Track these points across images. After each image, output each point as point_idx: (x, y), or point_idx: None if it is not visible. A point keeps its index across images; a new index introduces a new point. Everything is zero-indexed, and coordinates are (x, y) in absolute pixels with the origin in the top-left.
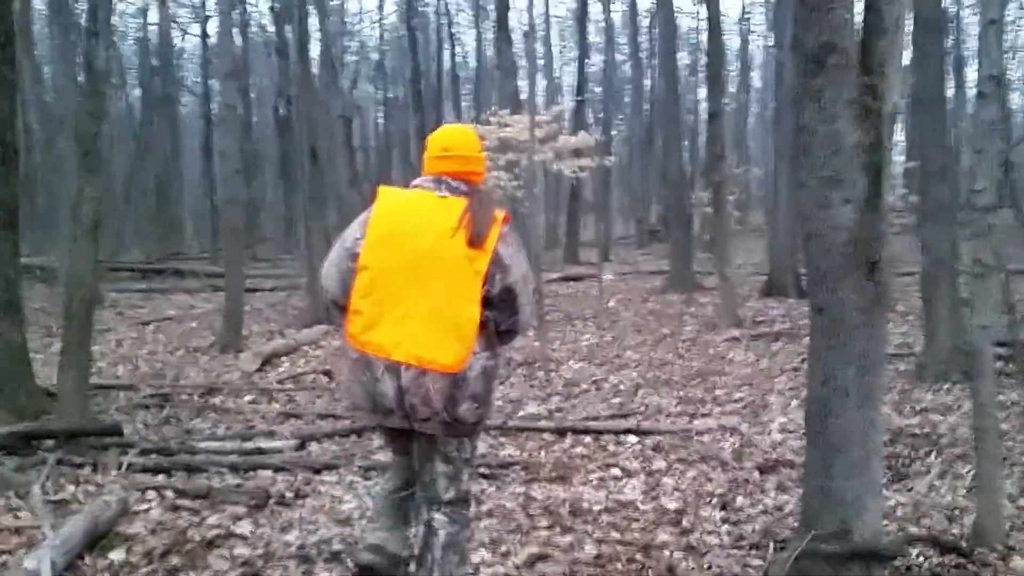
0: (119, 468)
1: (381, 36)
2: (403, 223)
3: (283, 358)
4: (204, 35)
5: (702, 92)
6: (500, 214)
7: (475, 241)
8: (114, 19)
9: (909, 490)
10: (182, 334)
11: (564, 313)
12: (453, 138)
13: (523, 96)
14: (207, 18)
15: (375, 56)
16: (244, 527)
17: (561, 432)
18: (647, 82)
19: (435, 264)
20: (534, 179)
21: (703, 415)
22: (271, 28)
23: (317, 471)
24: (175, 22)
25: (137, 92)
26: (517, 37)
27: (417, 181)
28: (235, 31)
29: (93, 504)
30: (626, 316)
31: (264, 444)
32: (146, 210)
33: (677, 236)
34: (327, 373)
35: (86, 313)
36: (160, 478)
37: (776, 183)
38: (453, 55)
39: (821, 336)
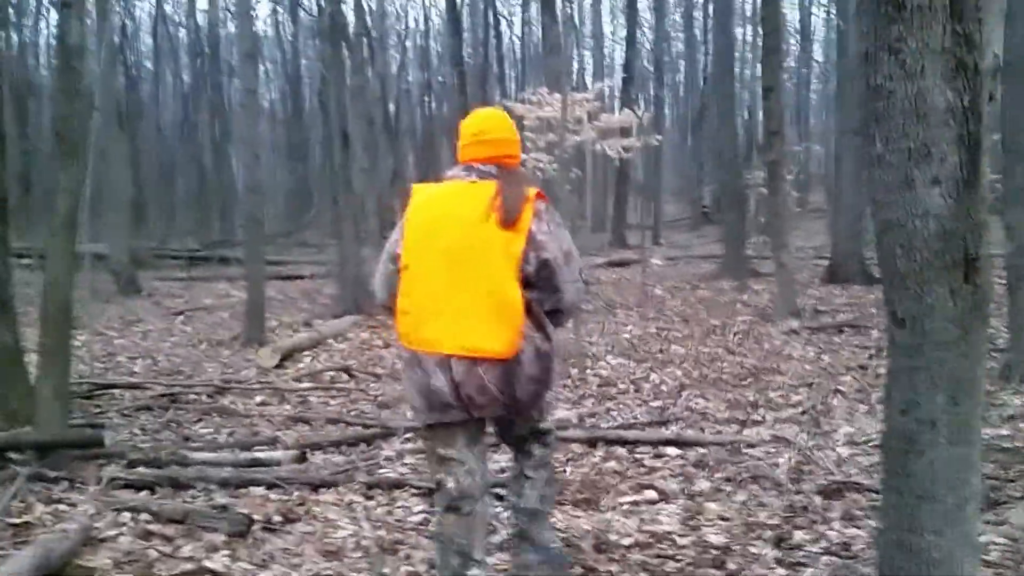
0: (99, 483)
1: (426, 19)
2: (436, 216)
3: (305, 352)
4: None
5: (759, 68)
6: (532, 191)
7: (507, 222)
8: (166, 6)
9: (1002, 523)
10: (210, 326)
11: (605, 302)
12: (485, 122)
13: (574, 76)
14: (256, 1)
15: (420, 41)
16: (219, 560)
17: (592, 442)
18: (700, 58)
19: (471, 252)
20: (569, 160)
21: (755, 423)
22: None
23: (315, 488)
24: (228, 10)
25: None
26: (564, 16)
27: (450, 172)
28: (267, 14)
29: (49, 534)
30: (673, 305)
31: (262, 455)
32: (197, 197)
33: (730, 218)
34: (347, 370)
35: (64, 316)
36: (143, 495)
37: (839, 160)
38: (499, 35)
39: (902, 354)
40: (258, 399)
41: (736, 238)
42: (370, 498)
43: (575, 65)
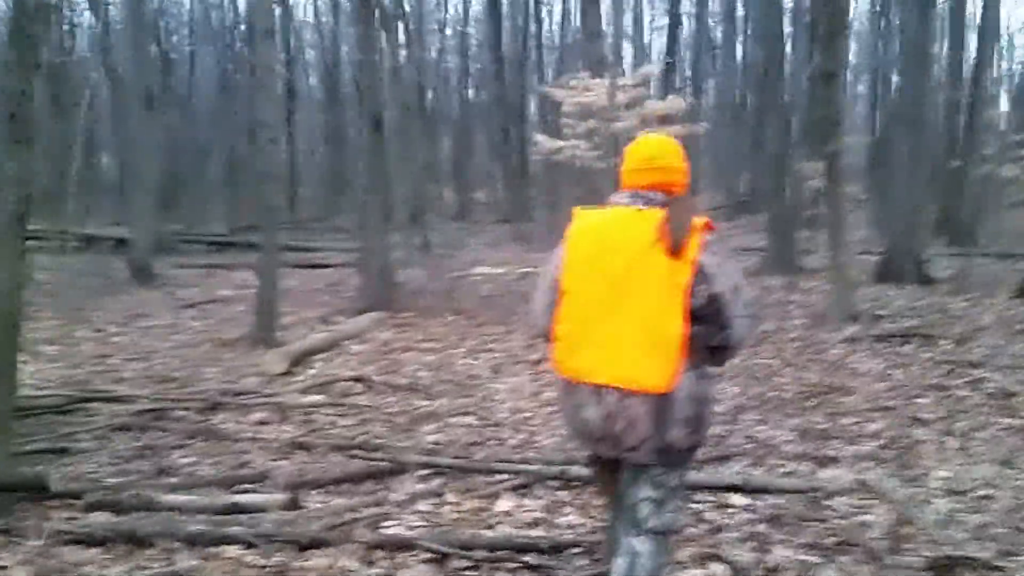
0: (40, 537)
1: (465, 5)
2: (600, 242)
3: (318, 356)
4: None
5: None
6: (700, 221)
7: (674, 251)
8: None
9: None
10: (221, 321)
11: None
12: (653, 149)
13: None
14: None
15: (459, 27)
16: None
17: None
18: (739, 46)
19: (634, 280)
20: (610, 149)
21: (831, 460)
22: None
23: (303, 548)
24: None
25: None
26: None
27: (614, 197)
28: None
29: None
30: None
31: (245, 499)
32: (231, 181)
33: (776, 211)
34: (362, 380)
35: (7, 333)
36: (93, 553)
37: (888, 152)
38: (539, 22)
39: None
40: (255, 417)
41: (782, 232)
42: (370, 563)
43: (615, 52)
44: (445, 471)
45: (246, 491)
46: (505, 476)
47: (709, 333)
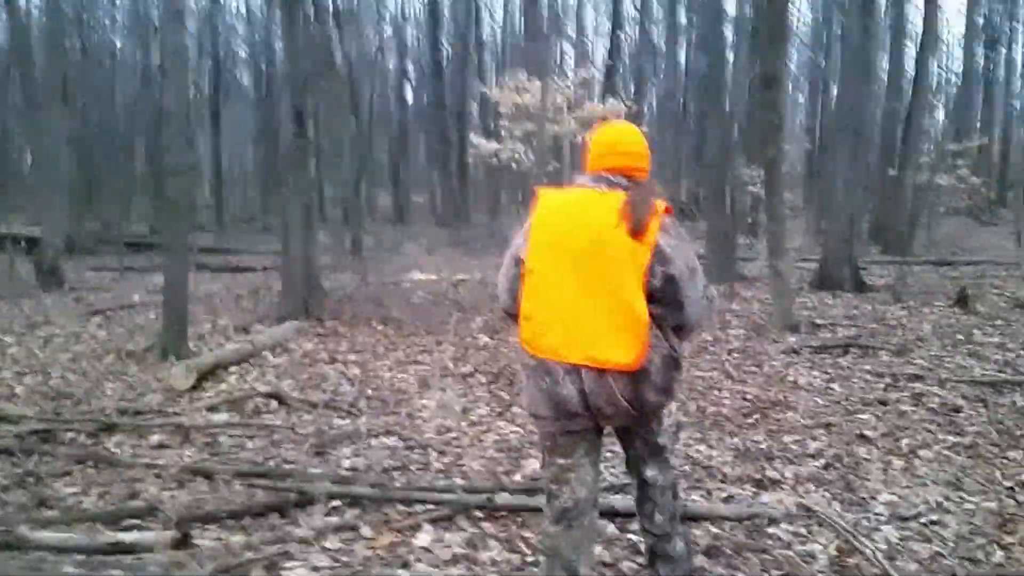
0: None
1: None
2: (563, 222)
3: (232, 369)
4: None
5: (740, 61)
6: (661, 205)
7: (635, 232)
8: None
9: None
10: (129, 330)
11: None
12: (619, 135)
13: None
14: None
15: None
16: None
17: None
18: (682, 52)
19: (597, 260)
20: (547, 151)
21: (773, 483)
22: None
23: None
24: None
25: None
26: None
27: (578, 180)
28: None
29: None
30: None
31: (128, 537)
32: (150, 179)
33: (716, 218)
34: (277, 396)
35: None
36: None
37: (827, 159)
38: (479, 22)
39: None
40: (154, 439)
41: (723, 240)
42: None
43: (556, 55)
44: (360, 501)
45: (133, 527)
46: (426, 506)
47: (666, 313)
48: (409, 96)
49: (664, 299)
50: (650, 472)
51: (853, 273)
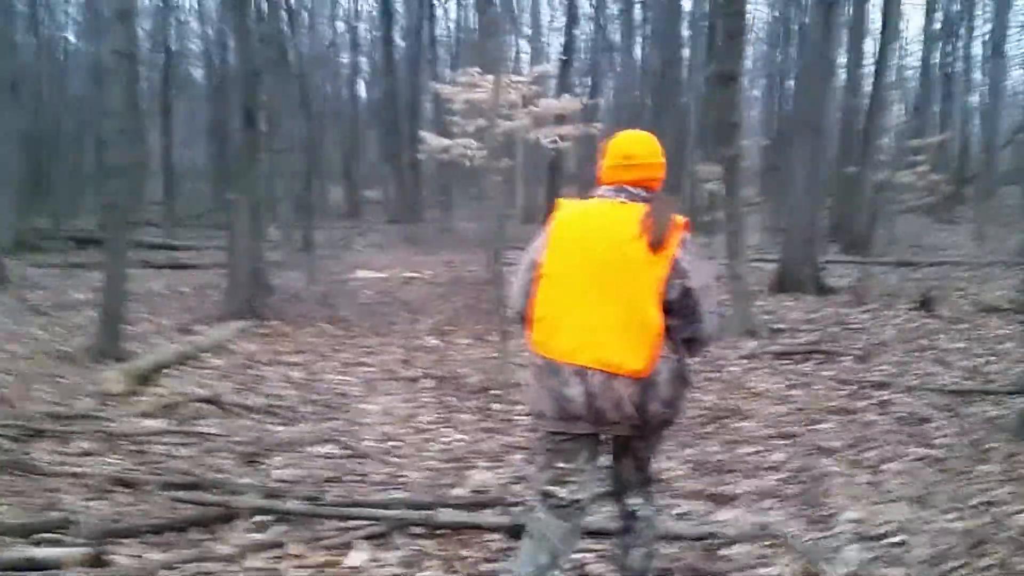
0: None
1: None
2: (583, 230)
3: (171, 371)
4: None
5: (697, 58)
6: (680, 219)
7: (655, 245)
8: None
9: None
10: (69, 329)
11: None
12: (635, 146)
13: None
14: None
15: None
16: None
17: (516, 535)
18: (638, 47)
19: (615, 269)
20: (499, 148)
21: (730, 500)
22: None
23: None
24: None
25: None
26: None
27: (596, 191)
28: None
29: None
30: None
31: (39, 553)
32: (99, 174)
33: None
34: (214, 400)
35: None
36: None
37: (784, 156)
38: (432, 18)
39: None
40: (80, 446)
41: None
42: None
43: (512, 52)
44: (289, 517)
45: (46, 541)
46: (361, 522)
47: (681, 326)
48: (362, 92)
49: (680, 312)
50: (633, 501)
51: (814, 275)
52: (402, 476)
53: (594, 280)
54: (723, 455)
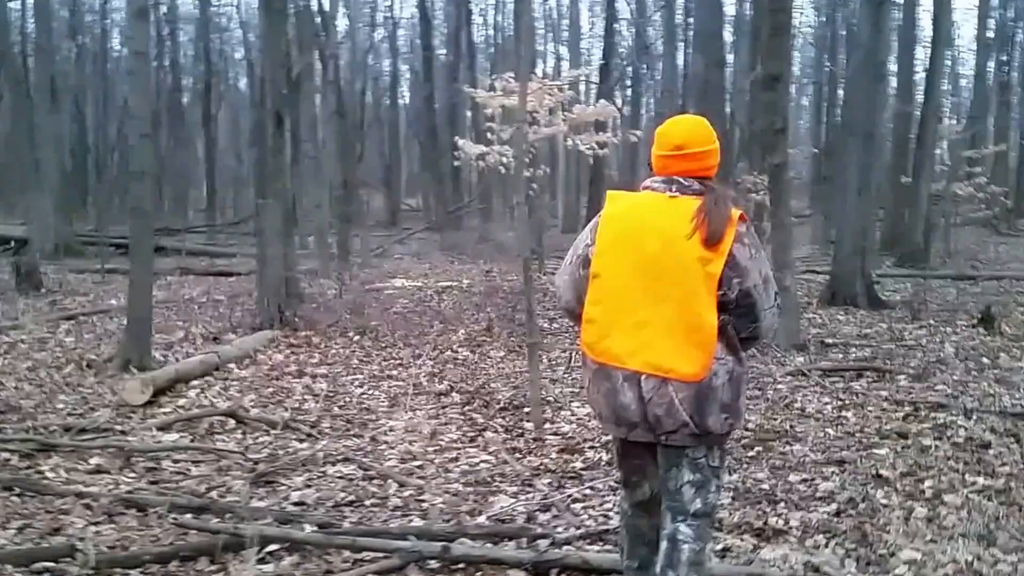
0: None
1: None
2: (633, 227)
3: (194, 382)
4: None
5: (740, 63)
6: (736, 213)
7: (710, 242)
8: None
9: None
10: (98, 336)
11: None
12: (687, 134)
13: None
14: None
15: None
16: None
17: (542, 570)
18: (680, 54)
19: (668, 268)
20: (537, 156)
21: (776, 532)
22: None
23: None
24: None
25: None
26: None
27: (647, 182)
28: None
29: None
30: None
31: None
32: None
33: None
34: (234, 415)
35: None
36: None
37: (836, 165)
38: (470, 24)
39: None
40: (92, 462)
41: None
42: None
43: (552, 58)
44: (301, 546)
45: (47, 571)
46: (375, 553)
47: (739, 324)
48: (404, 98)
49: (737, 310)
50: (684, 529)
51: (866, 288)
52: (422, 500)
53: (646, 280)
54: (769, 483)
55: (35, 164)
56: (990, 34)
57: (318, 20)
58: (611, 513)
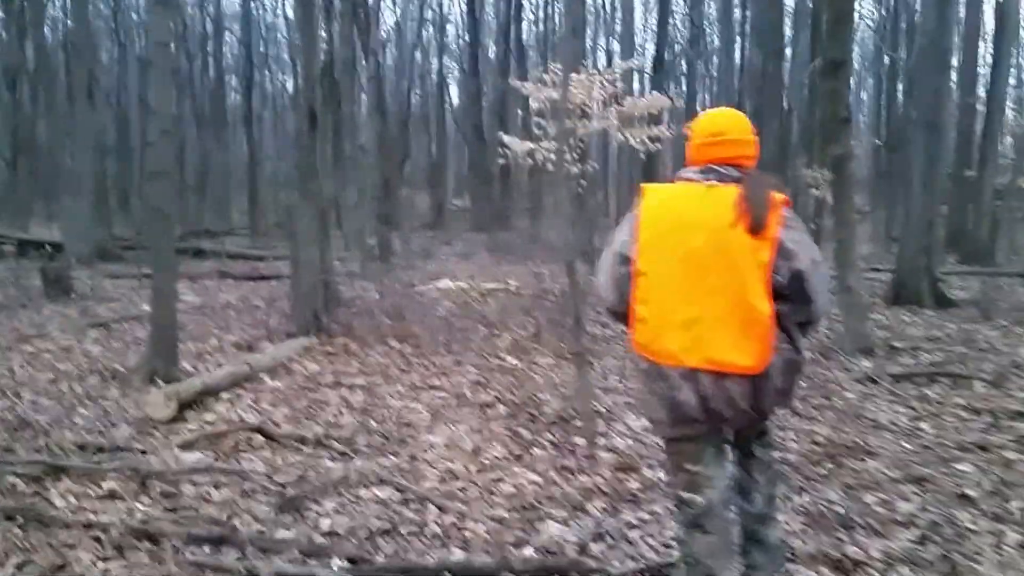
0: None
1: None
2: (674, 220)
3: (223, 394)
4: None
5: (799, 57)
6: (778, 197)
7: (755, 229)
8: None
9: None
10: (126, 344)
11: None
12: (723, 122)
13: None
14: None
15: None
16: None
17: None
18: (737, 48)
19: (715, 260)
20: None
21: (856, 564)
22: None
23: None
24: None
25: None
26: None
27: (683, 173)
28: None
29: None
30: None
31: None
32: (198, 181)
33: None
34: (263, 431)
35: None
36: None
37: (900, 159)
38: (520, 20)
39: None
40: (106, 486)
41: None
42: None
43: (603, 53)
44: None
45: None
46: None
47: (792, 309)
48: (452, 97)
49: (790, 295)
50: (756, 448)
51: (932, 286)
52: (464, 528)
53: (694, 274)
54: (843, 504)
55: (72, 167)
56: None
57: (360, 13)
58: (672, 541)
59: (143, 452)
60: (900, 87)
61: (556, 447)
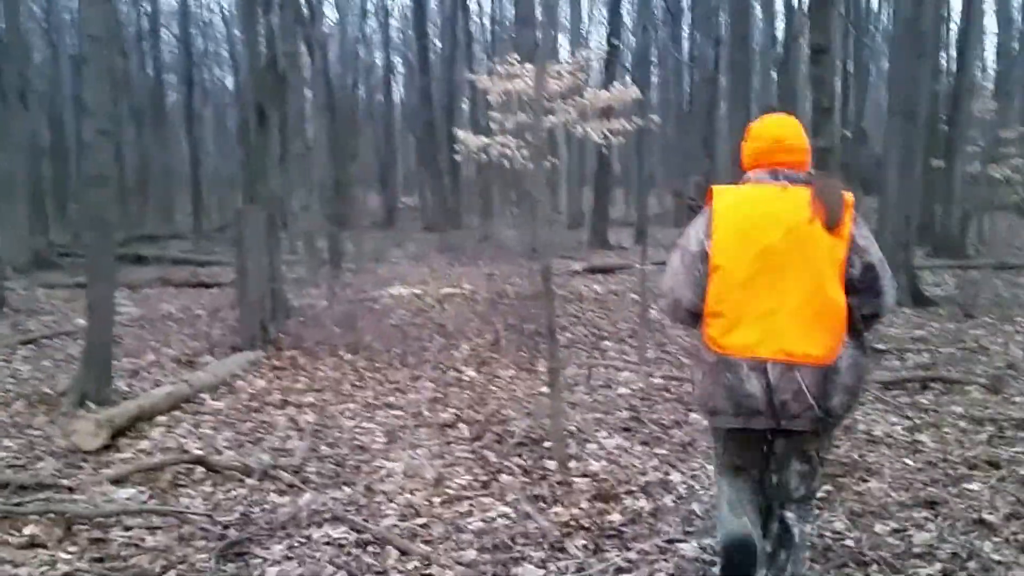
0: None
1: None
2: (752, 218)
3: (160, 418)
4: None
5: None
6: (849, 197)
7: (832, 225)
8: None
9: None
10: (56, 363)
11: (590, 330)
12: (785, 128)
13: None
14: None
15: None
16: None
17: None
18: (685, 39)
19: (792, 255)
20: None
21: None
22: None
23: None
24: None
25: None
26: None
27: (751, 176)
28: None
29: None
30: (677, 336)
31: None
32: (125, 185)
33: None
34: (204, 462)
35: None
36: None
37: (883, 150)
38: (466, 10)
39: None
40: (27, 532)
41: None
42: None
43: (550, 41)
44: None
45: None
46: None
47: (864, 303)
48: (398, 93)
49: (861, 288)
50: (791, 515)
51: (911, 284)
52: (428, 573)
53: (772, 269)
54: (852, 535)
55: (6, 171)
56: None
57: (303, 5)
58: None
59: (70, 490)
60: (874, 71)
61: (526, 472)
